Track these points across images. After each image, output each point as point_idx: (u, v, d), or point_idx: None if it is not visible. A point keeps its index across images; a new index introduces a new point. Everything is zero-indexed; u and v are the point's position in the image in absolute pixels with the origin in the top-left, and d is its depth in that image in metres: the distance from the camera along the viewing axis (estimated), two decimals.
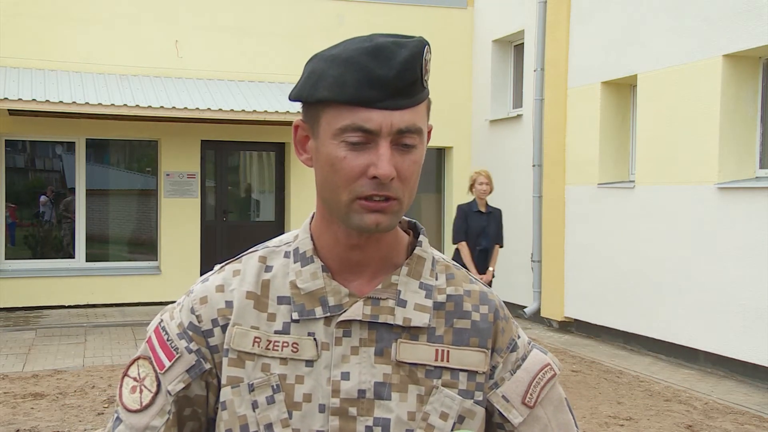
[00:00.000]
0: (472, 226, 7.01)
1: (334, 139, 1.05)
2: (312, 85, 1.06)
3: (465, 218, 7.04)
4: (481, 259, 6.99)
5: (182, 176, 10.88)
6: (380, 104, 1.02)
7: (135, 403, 1.12)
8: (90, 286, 10.50)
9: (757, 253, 6.81)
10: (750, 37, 6.91)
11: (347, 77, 1.03)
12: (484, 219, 7.07)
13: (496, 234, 7.12)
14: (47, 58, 10.09)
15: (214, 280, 1.17)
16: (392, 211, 1.06)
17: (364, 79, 1.02)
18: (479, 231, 7.02)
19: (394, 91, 1.03)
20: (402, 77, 1.02)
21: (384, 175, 1.02)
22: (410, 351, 1.12)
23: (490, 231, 7.06)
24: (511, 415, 1.16)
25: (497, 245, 7.15)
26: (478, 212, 7.07)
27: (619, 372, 7.43)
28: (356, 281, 1.14)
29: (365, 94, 1.02)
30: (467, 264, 6.79)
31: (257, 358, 1.11)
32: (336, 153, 1.05)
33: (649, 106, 8.15)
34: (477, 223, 7.01)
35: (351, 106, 1.03)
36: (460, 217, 7.08)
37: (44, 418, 5.63)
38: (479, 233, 7.02)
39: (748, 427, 5.78)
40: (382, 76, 1.02)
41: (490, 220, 7.10)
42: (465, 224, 7.02)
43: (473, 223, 7.01)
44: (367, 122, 1.03)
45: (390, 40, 1.04)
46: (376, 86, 1.02)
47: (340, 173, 1.05)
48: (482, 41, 11.64)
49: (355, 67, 1.03)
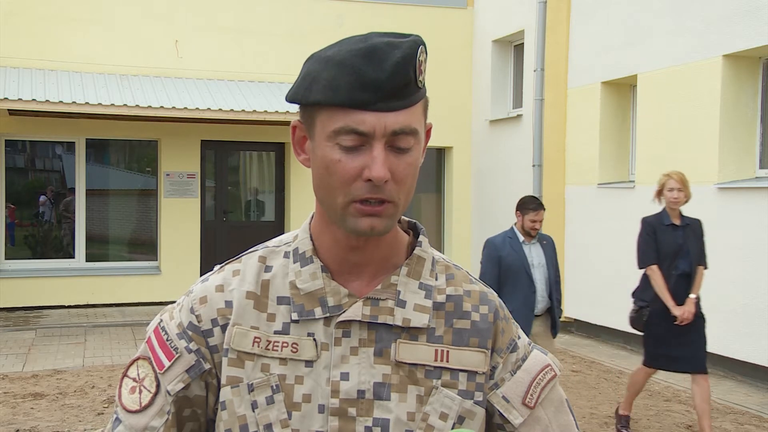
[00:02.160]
0: (664, 243, 5.40)
1: (329, 141, 1.05)
2: (306, 87, 1.06)
3: (653, 234, 5.44)
4: (680, 286, 5.36)
5: (182, 176, 10.88)
6: (373, 106, 1.02)
7: (134, 403, 1.12)
8: (90, 286, 10.50)
9: (757, 253, 6.81)
10: (750, 37, 6.91)
11: (340, 80, 1.02)
12: (679, 234, 5.41)
13: (698, 252, 5.46)
14: (47, 58, 10.08)
15: (213, 280, 1.17)
16: (387, 214, 1.06)
17: (356, 82, 1.02)
18: (675, 250, 5.39)
19: (387, 93, 1.02)
20: (394, 79, 1.02)
21: (378, 178, 1.02)
22: (410, 351, 1.12)
23: (690, 248, 5.41)
24: (511, 415, 1.16)
25: (700, 266, 5.48)
26: (671, 226, 5.41)
27: (619, 372, 7.43)
28: (356, 282, 1.14)
29: (358, 96, 1.02)
30: (660, 292, 5.29)
31: (257, 359, 1.11)
32: (331, 155, 1.05)
33: (649, 106, 8.15)
34: (670, 239, 5.40)
35: (344, 109, 1.03)
36: (648, 233, 5.46)
37: (44, 418, 5.63)
38: (675, 253, 5.39)
39: (748, 427, 5.79)
40: (374, 79, 1.01)
41: (688, 234, 5.43)
42: (654, 242, 5.42)
43: (665, 240, 5.40)
44: (360, 125, 1.02)
45: (384, 41, 1.04)
46: (368, 89, 1.01)
47: (335, 176, 1.05)
48: (482, 41, 11.64)
49: (347, 69, 1.02)
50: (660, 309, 5.29)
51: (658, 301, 5.30)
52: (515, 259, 5.15)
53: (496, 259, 5.17)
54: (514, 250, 5.18)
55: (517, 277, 5.13)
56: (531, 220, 5.22)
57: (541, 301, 5.23)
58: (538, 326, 5.26)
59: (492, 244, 5.27)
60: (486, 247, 5.31)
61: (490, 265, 5.19)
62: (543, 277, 5.22)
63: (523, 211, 5.26)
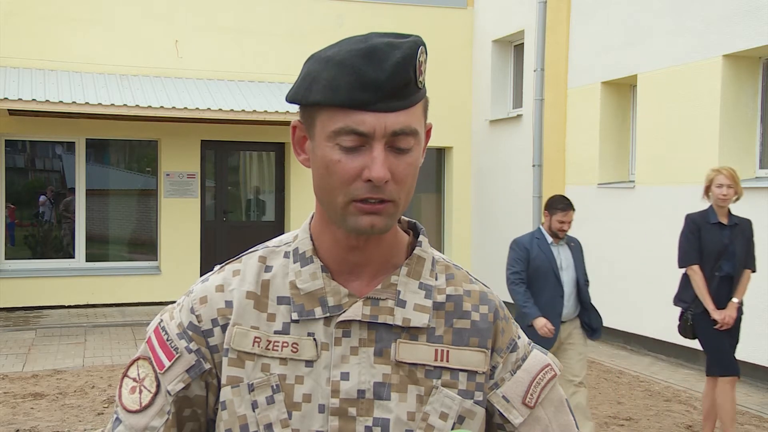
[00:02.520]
0: (708, 243, 5.07)
1: (329, 141, 1.05)
2: (306, 87, 1.06)
3: (697, 233, 5.10)
4: (722, 289, 5.06)
5: (182, 176, 10.89)
6: (373, 107, 1.02)
7: (134, 403, 1.12)
8: (90, 286, 10.50)
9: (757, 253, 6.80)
10: (750, 37, 6.91)
11: (340, 80, 1.02)
12: (726, 234, 5.08)
13: (744, 254, 5.11)
14: (47, 58, 10.09)
15: (213, 280, 1.17)
16: (388, 213, 1.06)
17: (356, 83, 1.02)
18: (719, 250, 5.07)
19: (387, 93, 1.02)
20: (394, 80, 1.02)
21: (378, 179, 1.02)
22: (410, 351, 1.12)
23: (737, 250, 5.08)
24: (511, 415, 1.16)
25: (747, 270, 5.16)
26: (718, 224, 5.08)
27: (619, 372, 7.43)
28: (356, 282, 1.14)
29: (357, 97, 1.02)
30: (701, 294, 5.03)
31: (257, 358, 1.11)
32: (331, 156, 1.05)
33: (649, 106, 8.15)
34: (716, 239, 5.07)
35: (344, 109, 1.03)
36: (691, 231, 5.13)
37: (44, 418, 5.63)
38: (719, 253, 5.07)
39: (748, 427, 5.78)
40: (374, 79, 1.01)
41: (735, 234, 5.10)
42: (698, 241, 5.09)
43: (710, 240, 5.07)
44: (360, 125, 1.02)
45: (384, 41, 1.04)
46: (368, 89, 1.02)
47: (335, 176, 1.05)
48: (482, 41, 11.64)
49: (347, 70, 1.02)
50: (703, 311, 5.02)
51: (699, 304, 5.03)
52: (543, 260, 4.94)
53: (525, 260, 4.96)
54: (543, 251, 4.96)
55: (545, 280, 4.92)
56: (559, 220, 4.95)
57: (568, 306, 5.00)
58: (568, 330, 5.00)
59: (520, 245, 5.03)
60: (513, 248, 5.07)
61: (520, 264, 4.96)
62: (571, 279, 5.01)
63: (551, 211, 4.99)
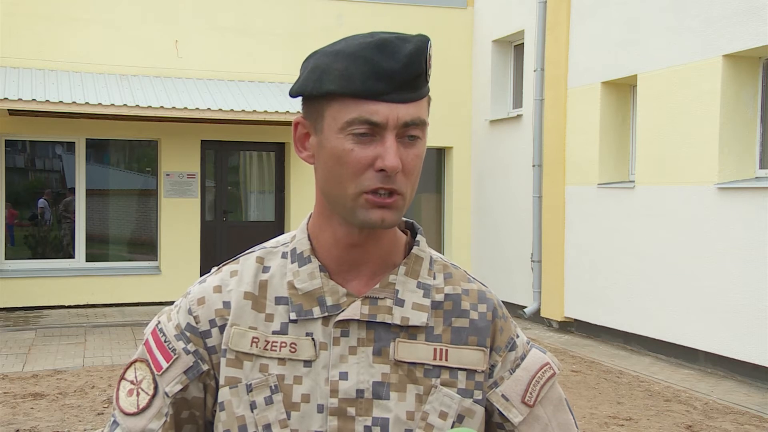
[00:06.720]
0: None
1: (341, 132, 1.05)
2: (316, 79, 1.06)
3: None
4: None
5: (182, 176, 10.88)
6: (387, 97, 1.03)
7: (132, 406, 1.12)
8: (90, 286, 10.50)
9: (757, 254, 6.80)
10: (750, 37, 6.90)
11: (353, 70, 1.03)
12: None
13: None
14: (47, 58, 10.08)
15: (211, 281, 1.17)
16: (397, 206, 1.07)
17: (371, 72, 1.02)
18: None
19: (401, 83, 1.03)
20: (408, 70, 1.03)
21: (391, 167, 1.03)
22: (408, 350, 1.11)
23: None
24: (510, 414, 1.16)
25: None
26: None
27: (619, 372, 7.43)
28: (354, 281, 1.14)
29: (372, 86, 1.03)
30: None
31: (255, 359, 1.11)
32: (343, 146, 1.05)
33: (649, 106, 8.15)
34: None
35: (357, 99, 1.03)
36: None
37: (44, 418, 5.63)
38: None
39: (748, 427, 5.78)
40: (389, 69, 1.02)
41: None
42: None
43: None
44: (373, 115, 1.03)
45: (393, 36, 1.05)
46: (383, 78, 1.03)
47: (347, 166, 1.05)
48: (482, 41, 11.64)
49: (361, 60, 1.03)
50: None
51: None
52: None
53: None
54: None
55: None
56: None
57: None
58: None
59: None
60: None
61: None
62: None
63: None
